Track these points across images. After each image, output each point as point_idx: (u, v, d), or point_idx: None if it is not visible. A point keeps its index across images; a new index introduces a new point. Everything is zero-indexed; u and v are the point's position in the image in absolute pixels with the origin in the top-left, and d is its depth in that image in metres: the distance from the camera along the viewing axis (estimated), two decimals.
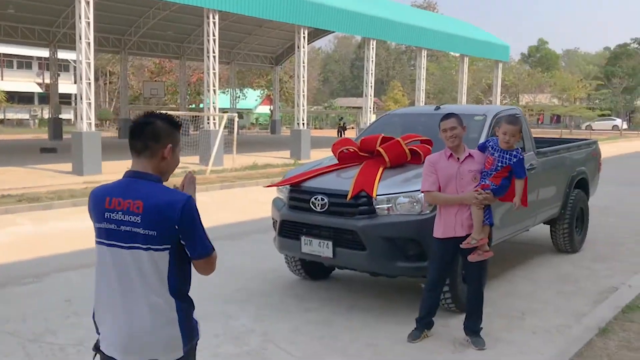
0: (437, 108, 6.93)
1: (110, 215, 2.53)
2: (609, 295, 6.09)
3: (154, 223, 2.48)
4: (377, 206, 5.27)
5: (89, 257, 7.58)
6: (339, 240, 5.38)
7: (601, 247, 8.54)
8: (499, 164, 4.72)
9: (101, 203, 2.57)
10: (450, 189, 4.77)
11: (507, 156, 4.73)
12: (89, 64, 16.61)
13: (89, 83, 16.68)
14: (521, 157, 4.77)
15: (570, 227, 7.83)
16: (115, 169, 17.95)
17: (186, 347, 2.61)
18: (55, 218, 10.52)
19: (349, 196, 5.31)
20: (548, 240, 8.34)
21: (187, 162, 19.84)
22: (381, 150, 5.77)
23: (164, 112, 2.94)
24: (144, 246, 2.48)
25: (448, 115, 4.81)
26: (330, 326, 5.26)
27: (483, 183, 4.72)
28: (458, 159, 4.77)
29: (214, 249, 2.64)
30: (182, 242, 2.56)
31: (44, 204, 11.48)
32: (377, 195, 5.25)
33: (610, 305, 5.38)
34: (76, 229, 9.62)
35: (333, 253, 5.39)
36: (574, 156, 8.15)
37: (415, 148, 5.77)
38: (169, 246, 2.52)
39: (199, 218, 2.63)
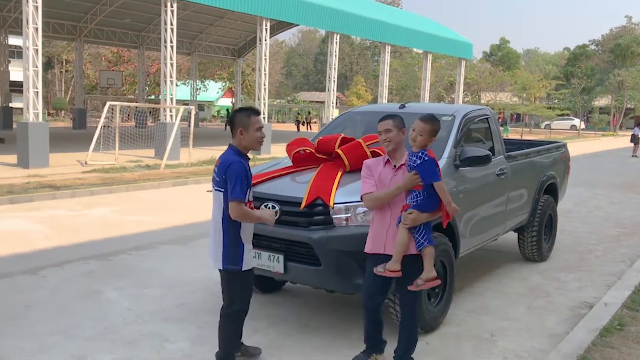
0: (402, 106, 6.40)
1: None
2: (582, 312, 5.68)
3: (218, 173, 3.94)
4: (335, 216, 4.68)
5: (14, 265, 6.85)
6: (291, 253, 4.78)
7: (569, 254, 8.18)
8: (408, 170, 4.09)
9: None
10: None
11: (413, 158, 4.06)
12: (36, 51, 15.64)
13: (36, 71, 15.70)
14: (426, 158, 4.00)
15: (538, 235, 7.43)
16: (63, 161, 17.16)
17: (225, 264, 4.00)
18: None
19: (302, 204, 4.72)
20: (514, 247, 7.94)
21: (142, 155, 19.04)
22: (340, 152, 5.19)
23: (246, 106, 4.20)
24: (217, 188, 3.97)
25: (385, 117, 4.22)
26: (279, 350, 4.67)
27: (405, 203, 4.09)
28: (394, 166, 4.22)
29: (236, 199, 3.82)
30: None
31: None
32: (334, 203, 4.67)
33: (586, 327, 4.94)
34: (6, 230, 8.79)
35: (284, 268, 4.80)
36: (543, 160, 7.75)
37: (378, 150, 5.16)
38: (223, 189, 3.92)
39: (238, 175, 3.83)
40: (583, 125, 62.33)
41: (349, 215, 4.67)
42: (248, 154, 4.09)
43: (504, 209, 6.54)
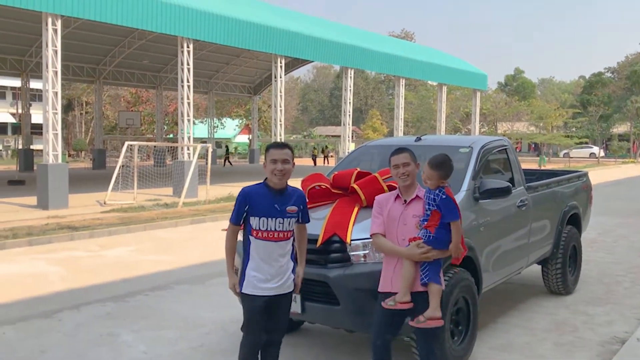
0: (418, 139, 6.33)
1: None
2: (614, 347, 5.45)
3: None
4: (352, 253, 4.57)
5: (30, 308, 6.80)
6: (309, 292, 4.65)
7: (595, 287, 7.93)
8: (427, 207, 3.99)
9: None
10: (392, 236, 4.08)
11: (432, 197, 3.98)
12: (55, 94, 15.94)
13: (56, 113, 15.96)
14: (444, 196, 3.96)
15: (563, 267, 7.22)
16: (83, 202, 17.27)
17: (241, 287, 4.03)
18: (4, 260, 9.64)
19: (319, 241, 4.62)
20: (539, 280, 7.72)
21: (161, 193, 19.12)
22: (356, 187, 5.10)
23: (277, 141, 4.66)
24: None
25: (400, 150, 4.14)
26: None
27: (414, 236, 3.98)
28: (405, 201, 4.11)
29: (230, 221, 4.03)
30: None
31: None
32: (351, 240, 4.56)
33: None
34: (24, 273, 8.77)
35: (302, 308, 4.67)
36: (565, 190, 7.59)
37: (394, 184, 5.07)
38: None
39: (236, 201, 4.01)
40: (602, 153, 61.69)
41: (367, 251, 4.56)
42: (284, 188, 4.04)
43: (526, 242, 6.37)
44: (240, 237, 4.11)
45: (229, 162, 42.75)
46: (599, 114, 61.34)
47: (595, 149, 61.67)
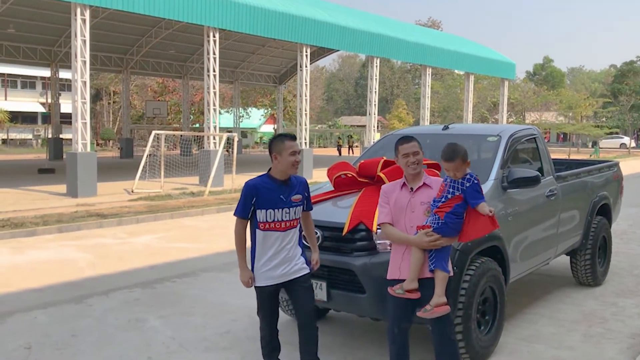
0: (446, 128, 6.27)
1: None
2: None
3: None
4: (378, 241, 4.56)
5: (61, 294, 6.94)
6: (334, 280, 4.67)
7: (626, 278, 7.80)
8: (449, 191, 3.95)
9: None
10: (400, 224, 4.06)
11: (460, 181, 3.95)
12: (84, 83, 16.14)
13: (84, 102, 16.18)
14: (475, 181, 3.93)
15: (592, 259, 7.10)
16: (111, 190, 17.51)
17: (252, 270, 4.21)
18: (35, 246, 9.85)
19: (345, 230, 4.61)
20: (567, 271, 7.62)
21: (187, 182, 19.31)
22: (382, 175, 5.07)
23: (282, 133, 4.68)
24: None
25: (408, 139, 4.12)
26: None
27: (423, 224, 3.96)
28: (412, 188, 4.08)
29: (235, 214, 4.15)
30: None
31: (28, 230, 10.82)
32: (377, 228, 4.56)
33: None
34: (54, 259, 8.94)
35: (328, 295, 4.68)
36: (595, 180, 7.45)
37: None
38: None
39: (242, 195, 4.14)
40: (633, 144, 60.39)
41: None
42: (288, 178, 4.16)
43: (555, 232, 6.28)
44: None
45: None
46: (630, 104, 60.01)
47: (626, 139, 60.42)
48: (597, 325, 5.91)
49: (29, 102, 60.84)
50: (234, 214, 4.14)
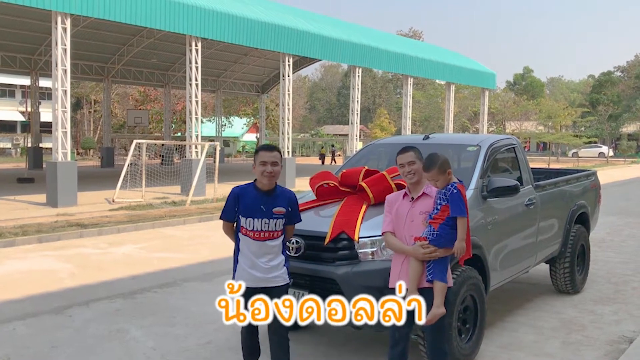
0: (426, 137, 6.33)
1: None
2: (622, 347, 5.44)
3: None
4: (360, 250, 4.59)
5: (40, 305, 6.85)
6: (316, 290, 4.67)
7: (603, 286, 7.91)
8: (438, 202, 4.03)
9: None
10: (400, 234, 4.15)
11: (443, 191, 4.02)
12: (65, 92, 16.01)
13: (65, 111, 16.04)
14: (455, 190, 3.99)
15: (571, 266, 7.20)
16: (92, 199, 17.35)
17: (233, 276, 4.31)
18: (13, 257, 9.72)
19: (327, 239, 4.64)
20: (546, 279, 7.71)
21: (169, 192, 19.20)
22: (364, 185, 5.12)
23: (266, 143, 4.59)
24: None
25: (406, 149, 4.22)
26: None
27: (418, 236, 4.02)
28: (412, 198, 4.16)
29: (220, 217, 4.37)
30: None
31: (7, 240, 10.67)
32: (359, 237, 4.58)
33: None
34: (34, 269, 8.83)
35: None
36: (573, 189, 7.57)
37: (402, 182, 5.08)
38: None
39: (226, 200, 4.29)
40: (611, 153, 61.32)
41: (375, 249, 4.58)
42: (272, 189, 4.21)
43: (534, 240, 6.37)
44: None
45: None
46: (608, 114, 61.00)
47: (605, 149, 61.37)
48: (576, 332, 5.99)
49: (8, 111, 60.16)
50: (220, 217, 4.36)
